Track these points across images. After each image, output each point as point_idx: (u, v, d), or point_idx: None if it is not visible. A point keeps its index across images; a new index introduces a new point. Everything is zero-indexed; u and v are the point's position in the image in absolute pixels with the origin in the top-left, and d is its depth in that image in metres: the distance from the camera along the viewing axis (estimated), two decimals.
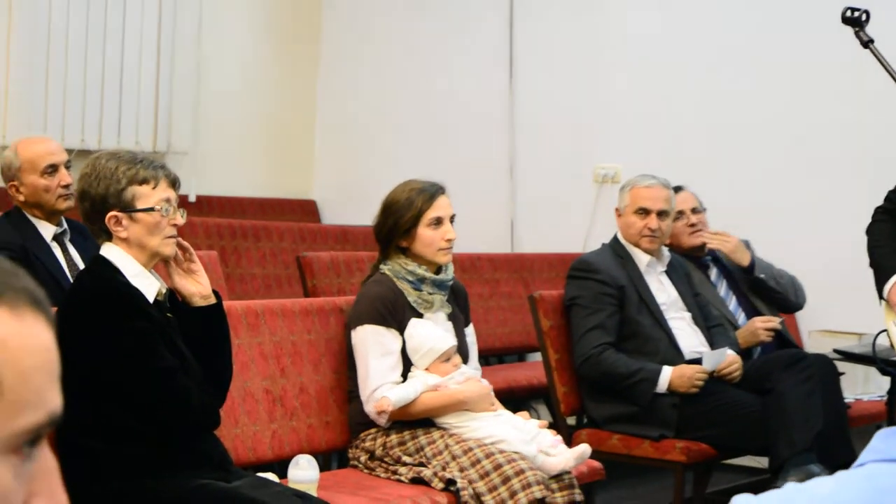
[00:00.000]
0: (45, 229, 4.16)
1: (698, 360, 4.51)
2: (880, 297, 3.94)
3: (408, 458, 3.72)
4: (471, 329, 4.11)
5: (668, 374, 4.45)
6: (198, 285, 3.20)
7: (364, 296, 3.90)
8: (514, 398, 5.17)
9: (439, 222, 3.93)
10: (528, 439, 3.71)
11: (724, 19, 6.38)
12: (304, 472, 3.40)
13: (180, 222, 3.12)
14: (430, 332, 3.84)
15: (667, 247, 4.86)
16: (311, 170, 7.71)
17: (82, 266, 3.99)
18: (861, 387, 5.27)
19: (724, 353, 4.57)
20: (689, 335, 4.67)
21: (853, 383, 5.16)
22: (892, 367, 4.16)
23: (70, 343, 2.13)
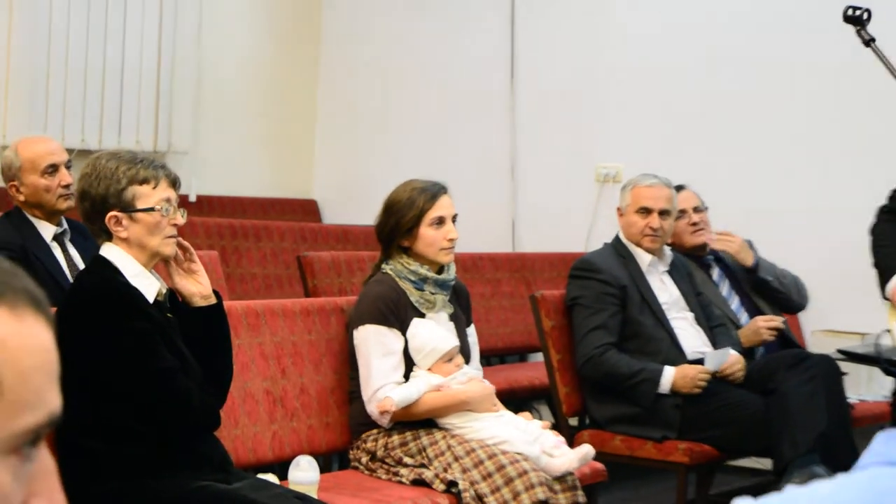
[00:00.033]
0: (46, 229, 4.15)
1: (701, 361, 4.50)
2: (883, 296, 3.93)
3: (409, 459, 3.71)
4: (472, 329, 4.10)
5: (670, 374, 4.44)
6: (198, 285, 3.19)
7: (366, 295, 3.89)
8: (515, 399, 5.16)
9: (441, 222, 3.92)
10: (530, 440, 3.69)
11: (724, 19, 6.38)
12: (304, 474, 3.39)
13: (180, 222, 3.11)
14: (433, 332, 3.82)
15: (669, 246, 4.85)
16: (312, 169, 7.70)
17: (82, 266, 3.97)
18: (864, 387, 5.25)
19: (727, 353, 4.56)
20: (691, 335, 4.65)
21: (856, 384, 5.14)
22: (895, 367, 4.15)
23: (70, 343, 2.12)
